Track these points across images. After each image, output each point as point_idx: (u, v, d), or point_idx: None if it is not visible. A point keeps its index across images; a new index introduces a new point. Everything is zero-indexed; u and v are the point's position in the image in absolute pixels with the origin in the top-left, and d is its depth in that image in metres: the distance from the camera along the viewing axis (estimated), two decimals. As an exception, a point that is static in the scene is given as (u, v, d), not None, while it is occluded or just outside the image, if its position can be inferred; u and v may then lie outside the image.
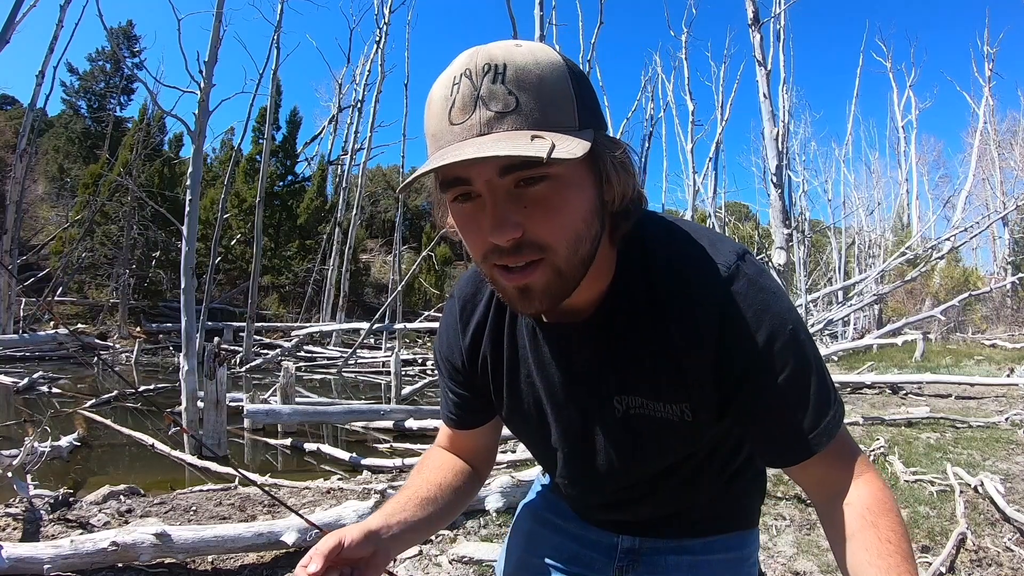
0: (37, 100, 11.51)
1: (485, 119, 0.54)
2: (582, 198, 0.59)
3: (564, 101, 0.56)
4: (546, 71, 0.56)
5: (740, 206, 31.61)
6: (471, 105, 0.54)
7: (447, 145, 0.55)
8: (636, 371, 0.69)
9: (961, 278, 15.89)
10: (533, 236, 0.57)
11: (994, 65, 20.74)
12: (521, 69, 0.55)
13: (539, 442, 0.84)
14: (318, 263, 18.49)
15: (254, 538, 2.38)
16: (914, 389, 6.78)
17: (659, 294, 0.66)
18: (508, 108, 0.54)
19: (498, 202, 0.56)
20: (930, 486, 3.27)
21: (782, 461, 0.69)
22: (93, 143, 20.43)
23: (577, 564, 0.93)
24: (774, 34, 10.25)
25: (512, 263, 0.59)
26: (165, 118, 18.39)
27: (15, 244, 11.98)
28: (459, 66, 0.56)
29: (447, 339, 0.84)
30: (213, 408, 4.90)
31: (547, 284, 0.60)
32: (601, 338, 0.70)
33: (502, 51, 0.56)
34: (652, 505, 0.85)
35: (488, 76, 0.54)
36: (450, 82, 0.56)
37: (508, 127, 0.54)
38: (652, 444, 0.74)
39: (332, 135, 21.17)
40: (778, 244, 6.20)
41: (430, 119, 0.58)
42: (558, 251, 0.58)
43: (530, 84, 0.54)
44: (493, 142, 0.52)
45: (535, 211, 0.57)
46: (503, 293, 0.64)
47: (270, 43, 12.45)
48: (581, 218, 0.59)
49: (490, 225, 0.57)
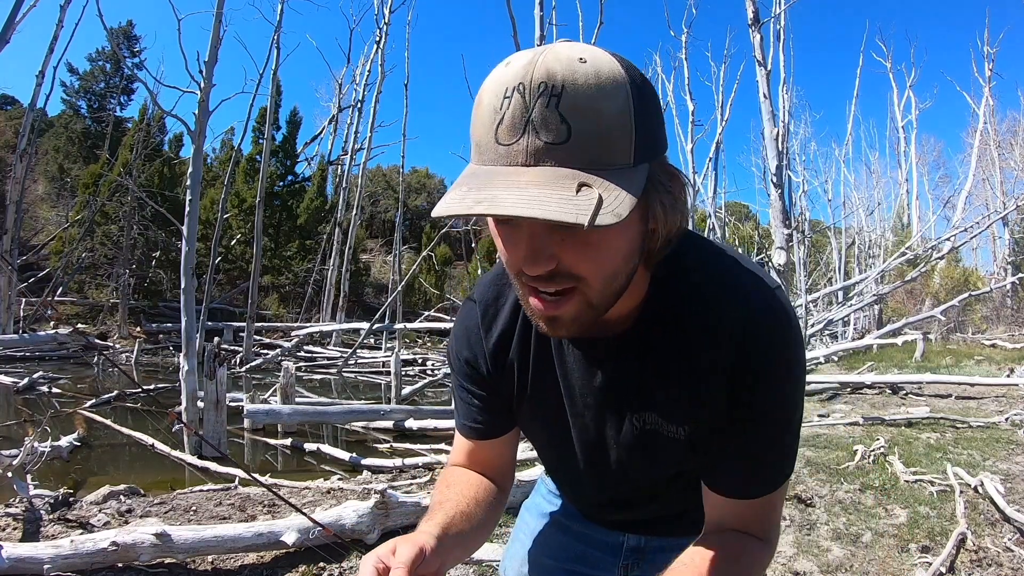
0: (37, 100, 11.52)
1: (533, 148, 0.50)
2: (625, 238, 0.56)
3: (621, 136, 0.52)
4: (607, 98, 0.51)
5: (740, 206, 31.60)
6: (519, 127, 0.51)
7: (490, 164, 0.52)
8: (656, 391, 0.70)
9: (961, 278, 15.88)
10: (567, 268, 0.55)
11: (994, 65, 20.75)
12: (580, 93, 0.50)
13: (555, 447, 0.84)
14: (318, 263, 18.49)
15: (254, 538, 2.38)
16: (914, 389, 6.78)
17: (687, 320, 0.66)
18: (559, 139, 0.50)
19: (536, 233, 0.54)
20: (930, 486, 3.27)
21: (722, 489, 0.71)
22: (93, 143, 20.41)
23: (582, 563, 0.93)
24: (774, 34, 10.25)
25: (543, 288, 0.57)
26: (165, 118, 18.38)
27: (15, 244, 11.98)
28: (514, 76, 0.52)
29: (468, 343, 0.80)
30: (213, 408, 4.90)
31: (576, 315, 0.59)
32: (626, 356, 0.70)
33: (563, 68, 0.50)
34: (658, 506, 0.86)
35: (542, 98, 0.50)
36: (501, 93, 0.52)
37: (554, 162, 0.50)
38: (664, 458, 0.75)
39: (332, 135, 21.17)
40: (778, 244, 6.19)
41: (476, 125, 0.54)
42: (592, 284, 0.57)
43: (587, 112, 0.50)
44: (537, 184, 0.49)
45: (573, 246, 0.54)
46: (530, 311, 0.62)
47: (270, 43, 12.46)
48: (621, 257, 0.57)
49: (523, 256, 0.55)
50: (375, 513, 2.60)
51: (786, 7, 8.83)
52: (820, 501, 3.15)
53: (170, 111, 6.57)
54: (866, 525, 2.83)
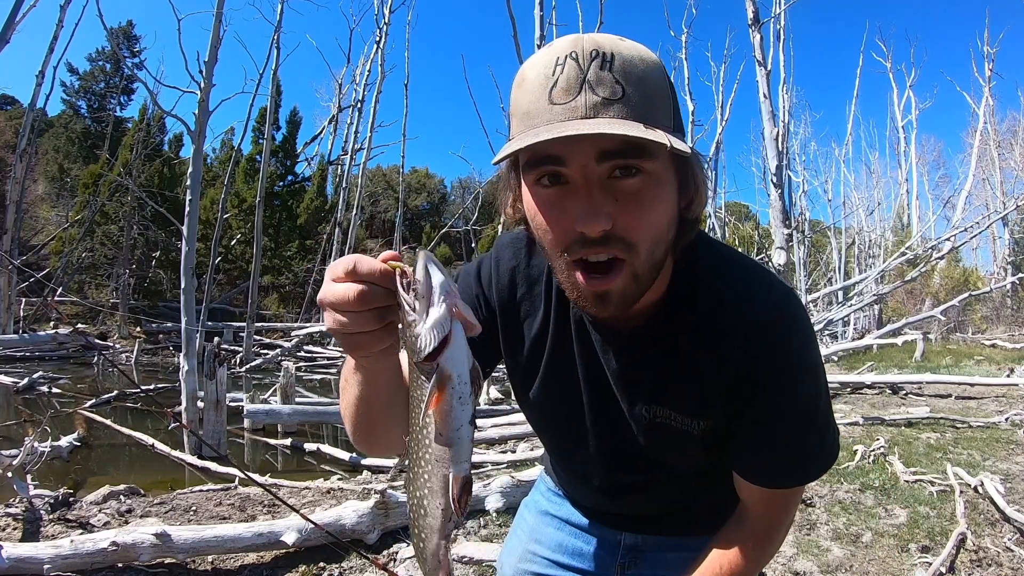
0: (37, 100, 11.53)
1: (591, 103, 0.53)
2: (669, 200, 0.59)
3: (664, 101, 0.56)
4: (650, 68, 0.56)
5: (740, 206, 31.60)
6: (576, 87, 0.53)
7: (544, 124, 0.54)
8: (667, 384, 0.71)
9: (961, 278, 15.89)
10: (622, 230, 0.56)
11: (994, 65, 20.76)
12: (628, 61, 0.54)
13: (566, 425, 0.83)
14: (318, 263, 18.49)
15: (254, 538, 2.38)
16: (914, 389, 6.78)
17: (704, 318, 0.67)
18: (615, 96, 0.53)
19: (593, 190, 0.55)
20: (930, 486, 3.27)
21: (748, 475, 0.73)
22: (93, 143, 20.41)
23: (580, 560, 0.94)
24: (774, 34, 10.26)
25: (595, 255, 0.57)
26: (165, 118, 18.35)
27: (15, 244, 11.98)
28: (562, 48, 0.55)
29: (495, 284, 0.78)
30: (213, 408, 4.90)
31: (624, 289, 0.59)
32: (643, 347, 0.71)
33: (609, 42, 0.56)
34: (658, 501, 0.86)
35: (596, 62, 0.54)
36: (552, 62, 0.55)
37: (615, 114, 0.53)
38: (671, 451, 0.76)
39: (332, 135, 21.17)
40: (778, 244, 6.19)
41: (523, 96, 0.56)
42: (640, 252, 0.58)
43: (636, 77, 0.54)
44: (605, 124, 0.51)
45: (628, 204, 0.56)
46: (575, 291, 0.61)
47: (270, 43, 12.44)
48: (666, 220, 0.59)
49: (582, 212, 0.55)
50: (375, 513, 2.60)
51: (786, 7, 8.84)
52: (820, 501, 3.15)
53: (170, 111, 6.58)
54: (866, 525, 2.83)
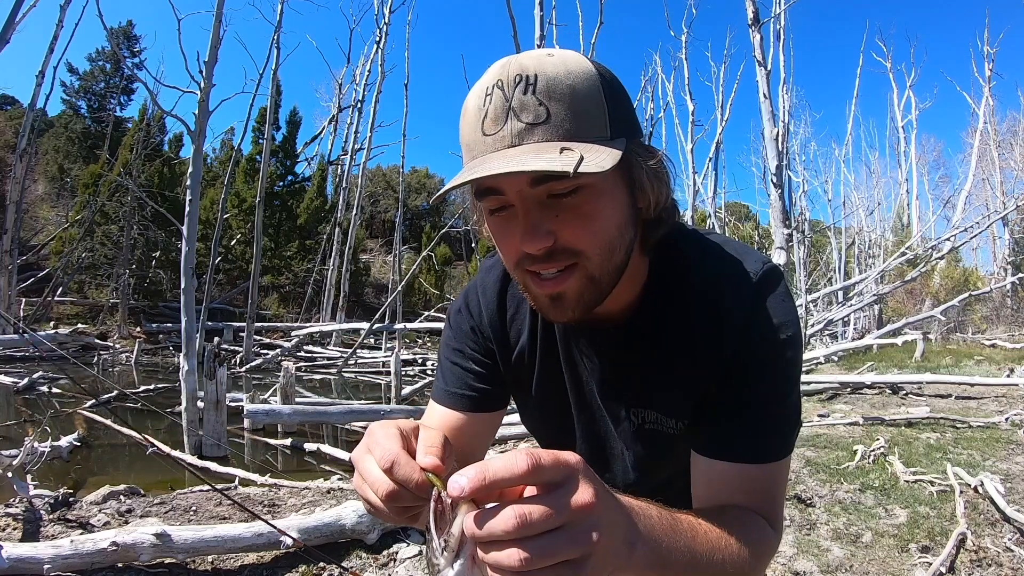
0: (37, 100, 11.52)
1: (516, 130, 0.54)
2: (616, 206, 0.59)
3: (596, 111, 0.56)
4: (577, 81, 0.56)
5: (740, 206, 31.61)
6: (503, 116, 0.55)
7: (480, 155, 0.56)
8: (653, 383, 0.70)
9: (961, 278, 15.90)
10: (565, 243, 0.57)
11: (994, 65, 20.75)
12: (552, 79, 0.55)
13: (558, 440, 0.83)
14: (318, 263, 18.50)
15: (254, 538, 2.38)
16: (914, 389, 6.78)
17: (688, 312, 0.66)
18: (539, 119, 0.54)
19: (530, 211, 0.57)
20: (930, 486, 3.27)
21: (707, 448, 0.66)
22: (93, 143, 20.42)
23: None
24: (774, 34, 10.24)
25: (544, 270, 0.59)
26: (165, 118, 18.38)
27: (15, 244, 11.98)
28: (492, 77, 0.57)
29: (480, 311, 0.79)
30: (213, 408, 4.90)
31: (580, 291, 0.59)
32: (627, 346, 0.70)
33: (533, 61, 0.56)
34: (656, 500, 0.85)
35: (519, 87, 0.55)
36: (483, 93, 0.56)
37: (539, 138, 0.54)
38: (664, 456, 0.74)
39: (332, 135, 21.19)
40: (778, 244, 6.19)
41: (465, 129, 0.58)
42: (591, 257, 0.58)
43: (561, 94, 0.55)
44: (523, 155, 0.53)
45: (568, 219, 0.56)
46: (535, 301, 0.63)
47: (270, 43, 12.46)
48: (615, 225, 0.59)
49: (523, 233, 0.57)
50: (375, 513, 2.60)
51: (786, 7, 8.84)
52: (820, 501, 3.15)
53: (170, 111, 6.57)
54: (866, 525, 2.83)
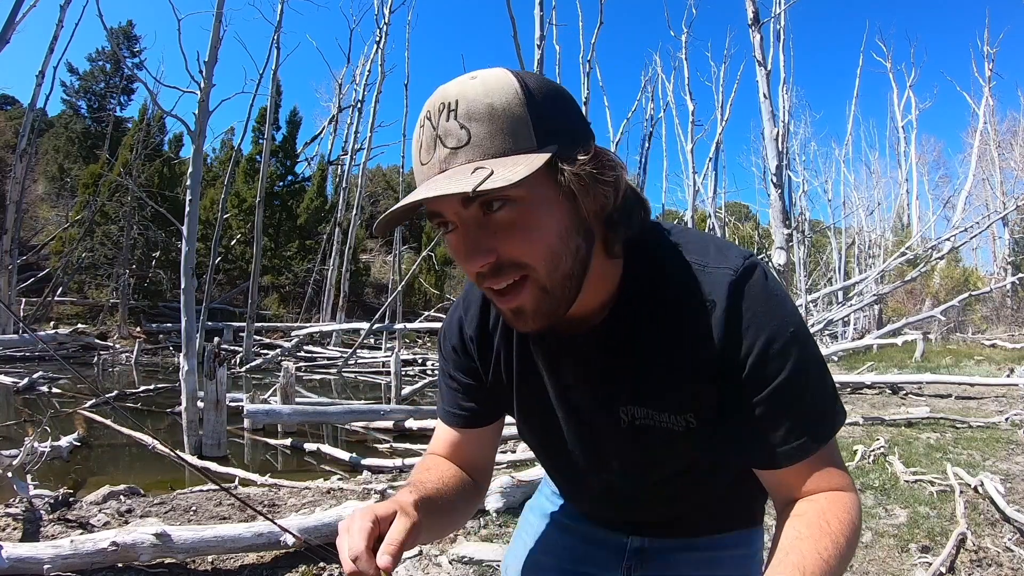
0: (37, 100, 11.53)
1: (443, 156, 0.57)
2: (552, 215, 0.59)
3: (518, 125, 0.57)
4: (496, 99, 0.57)
5: (740, 206, 31.64)
6: (432, 144, 0.58)
7: (420, 182, 0.59)
8: (641, 381, 0.69)
9: (961, 278, 15.91)
10: (507, 257, 0.59)
11: (994, 65, 20.78)
12: (471, 102, 0.57)
13: (550, 449, 0.84)
14: (318, 263, 18.49)
15: (254, 538, 2.38)
16: (914, 389, 6.78)
17: (666, 305, 0.66)
18: (461, 143, 0.57)
19: (468, 231, 0.59)
20: (930, 486, 3.27)
21: (759, 463, 0.68)
22: (93, 143, 20.41)
23: (585, 563, 0.93)
24: (774, 34, 10.25)
25: (495, 285, 0.60)
26: (165, 118, 18.38)
27: (15, 244, 11.98)
28: (425, 108, 0.60)
29: (456, 336, 0.82)
30: (213, 408, 4.90)
31: (536, 303, 0.61)
32: (606, 347, 0.70)
33: (456, 87, 0.59)
34: (662, 506, 0.85)
35: (443, 115, 0.58)
36: (419, 125, 0.60)
37: (462, 160, 0.56)
38: (660, 454, 0.74)
39: (332, 135, 21.21)
40: (778, 244, 6.20)
41: (413, 159, 0.62)
42: (537, 268, 0.59)
43: (480, 115, 0.56)
44: (445, 179, 0.55)
45: (505, 234, 0.58)
46: (502, 314, 0.66)
47: (270, 43, 12.48)
48: (555, 234, 0.59)
49: (464, 253, 0.60)
50: (375, 513, 2.60)
51: (786, 7, 8.85)
52: (820, 501, 3.15)
53: (170, 111, 6.58)
54: (866, 525, 2.83)
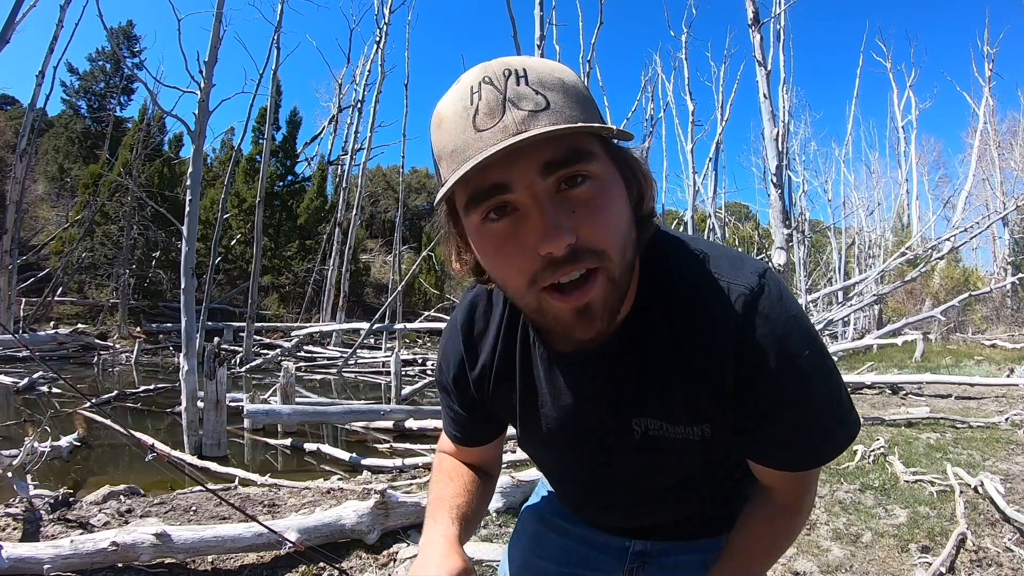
0: (37, 100, 11.50)
1: (520, 118, 0.51)
2: (622, 198, 0.57)
3: (586, 102, 0.55)
4: (565, 75, 0.55)
5: (740, 206, 31.64)
6: (499, 108, 0.51)
7: (477, 153, 0.51)
8: (654, 394, 0.68)
9: (961, 278, 15.89)
10: (587, 241, 0.53)
11: (994, 65, 20.74)
12: (542, 72, 0.54)
13: (555, 468, 0.84)
14: (318, 263, 18.49)
15: (254, 538, 2.38)
16: (914, 389, 6.78)
17: (679, 317, 0.64)
18: (540, 106, 0.52)
19: (546, 207, 0.52)
20: (930, 486, 3.27)
21: (755, 458, 0.72)
22: (93, 143, 20.41)
23: (585, 567, 0.92)
24: (774, 34, 10.25)
25: (567, 275, 0.54)
26: (165, 118, 18.39)
27: (15, 244, 11.97)
28: (473, 77, 0.54)
29: (452, 365, 0.80)
30: (213, 408, 4.90)
31: (605, 298, 0.57)
32: (619, 361, 0.67)
33: (518, 60, 0.55)
34: (665, 513, 0.85)
35: (511, 79, 0.52)
36: (467, 92, 0.53)
37: (546, 122, 0.51)
38: (670, 464, 0.73)
39: (332, 135, 21.21)
40: (778, 244, 6.19)
41: (445, 134, 0.54)
42: (612, 257, 0.55)
43: (555, 85, 0.53)
44: (539, 135, 0.49)
45: (585, 213, 0.53)
46: (555, 321, 0.58)
47: (270, 43, 12.47)
48: (626, 220, 0.57)
49: (542, 232, 0.52)
50: (375, 513, 2.60)
51: (786, 7, 8.84)
52: (820, 501, 3.15)
53: (170, 111, 6.58)
54: (866, 525, 2.83)
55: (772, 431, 0.66)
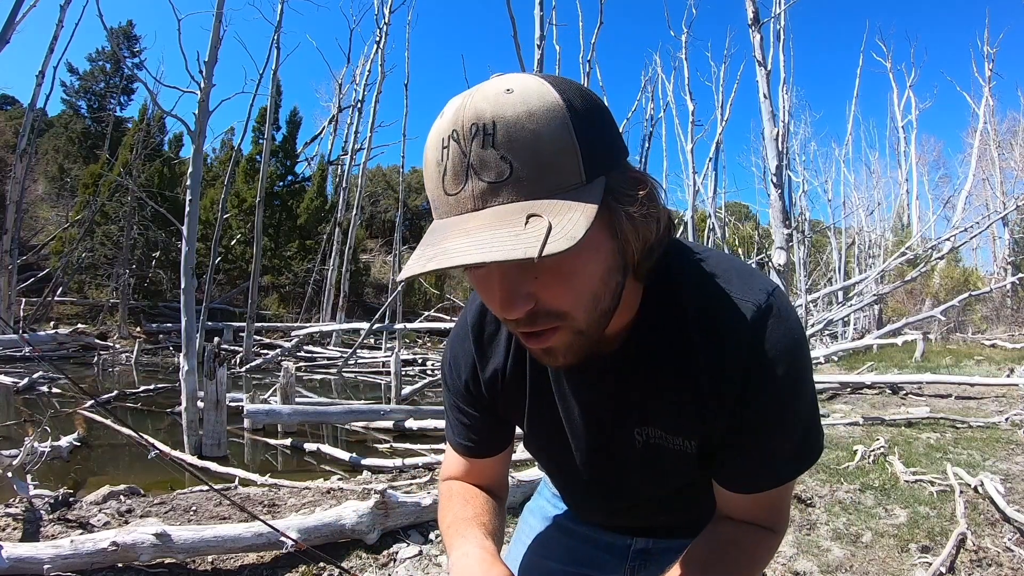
0: (37, 100, 11.51)
1: (479, 191, 0.49)
2: (598, 259, 0.54)
3: (566, 157, 0.50)
4: (541, 124, 0.49)
5: (740, 206, 31.64)
6: (462, 174, 0.50)
7: (445, 216, 0.52)
8: (658, 405, 0.68)
9: (961, 278, 15.89)
10: (547, 305, 0.53)
11: (994, 65, 20.78)
12: (512, 127, 0.49)
13: (559, 468, 0.84)
14: (318, 263, 18.49)
15: (254, 538, 2.38)
16: (914, 389, 6.78)
17: (687, 331, 0.64)
18: (502, 177, 0.49)
19: (506, 275, 0.53)
20: (930, 486, 3.27)
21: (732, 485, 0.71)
22: (93, 143, 20.42)
23: (587, 565, 0.92)
24: (774, 34, 10.24)
25: (527, 330, 0.56)
26: (165, 118, 18.39)
27: (15, 244, 11.97)
28: (447, 124, 0.51)
29: (462, 368, 0.80)
30: (213, 408, 4.90)
31: (569, 344, 0.57)
32: (625, 371, 0.68)
33: (491, 105, 0.50)
34: (667, 515, 0.85)
35: (477, 140, 0.49)
36: (439, 144, 0.51)
37: (504, 200, 0.49)
38: (671, 471, 0.74)
39: (332, 135, 21.21)
40: (778, 244, 6.19)
41: (427, 181, 0.54)
42: (576, 316, 0.55)
43: (524, 144, 0.49)
44: (487, 224, 0.48)
45: (548, 281, 0.53)
46: (529, 350, 0.63)
47: (270, 43, 12.46)
48: (599, 279, 0.55)
49: (499, 300, 0.53)
50: (375, 513, 2.60)
51: (786, 7, 8.83)
52: (820, 501, 3.15)
53: (170, 111, 6.57)
54: (866, 525, 2.83)
55: (747, 455, 0.68)
